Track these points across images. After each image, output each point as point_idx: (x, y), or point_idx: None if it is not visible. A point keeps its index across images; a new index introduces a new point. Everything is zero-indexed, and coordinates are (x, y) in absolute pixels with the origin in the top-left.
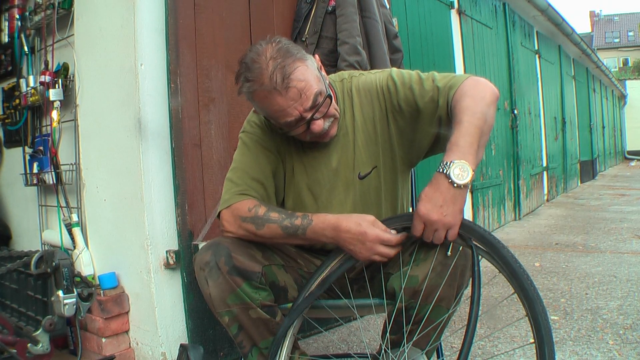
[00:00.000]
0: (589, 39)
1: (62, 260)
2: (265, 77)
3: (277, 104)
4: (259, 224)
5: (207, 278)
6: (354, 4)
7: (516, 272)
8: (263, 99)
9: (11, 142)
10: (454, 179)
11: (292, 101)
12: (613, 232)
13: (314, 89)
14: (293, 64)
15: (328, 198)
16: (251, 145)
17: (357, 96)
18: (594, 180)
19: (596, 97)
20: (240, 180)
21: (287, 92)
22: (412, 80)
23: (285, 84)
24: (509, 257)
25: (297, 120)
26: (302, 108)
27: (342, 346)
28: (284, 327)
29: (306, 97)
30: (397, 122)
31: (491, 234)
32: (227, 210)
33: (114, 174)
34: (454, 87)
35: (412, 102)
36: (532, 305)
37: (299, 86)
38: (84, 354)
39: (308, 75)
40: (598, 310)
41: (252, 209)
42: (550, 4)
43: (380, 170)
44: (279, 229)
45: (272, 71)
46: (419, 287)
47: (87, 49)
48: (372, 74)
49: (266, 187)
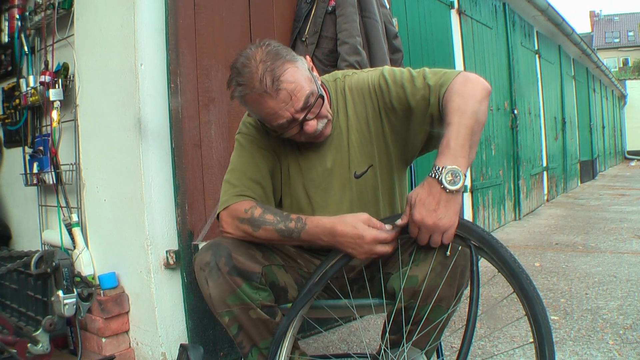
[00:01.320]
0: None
1: (62, 260)
2: (256, 80)
3: (268, 107)
4: (256, 225)
5: (207, 278)
6: (354, 4)
7: (515, 271)
8: (254, 102)
9: (11, 142)
10: (445, 185)
11: (283, 103)
12: (613, 232)
13: (305, 90)
14: (282, 66)
15: (324, 198)
16: (247, 146)
17: (351, 95)
18: (594, 180)
19: (596, 97)
20: (237, 182)
21: (278, 95)
22: (404, 79)
23: (275, 87)
24: (507, 257)
25: (290, 122)
26: (293, 109)
27: (342, 346)
28: (283, 326)
29: (297, 99)
30: (390, 120)
31: (490, 234)
32: (225, 211)
33: (114, 174)
34: (445, 85)
35: (404, 101)
36: (531, 304)
37: (289, 88)
38: (84, 354)
39: (298, 77)
40: (598, 310)
41: (249, 210)
42: (550, 4)
43: (376, 169)
44: (275, 231)
45: (262, 74)
46: (419, 287)
47: (87, 49)
48: (364, 73)
49: (264, 187)
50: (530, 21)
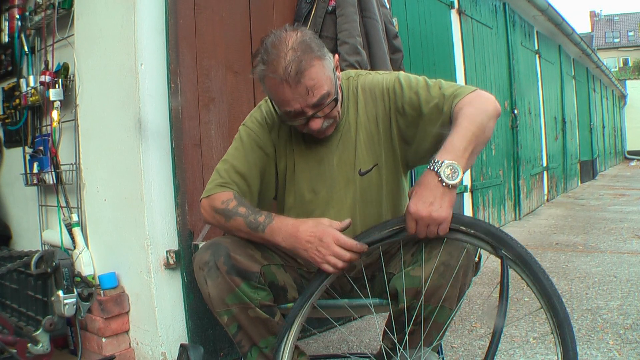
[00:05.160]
0: (589, 39)
1: (62, 260)
2: (281, 66)
3: (283, 94)
4: (228, 216)
5: (206, 278)
6: (354, 4)
7: (548, 291)
8: (272, 85)
9: (11, 142)
10: (443, 178)
11: (299, 95)
12: (613, 232)
13: (324, 89)
14: (311, 61)
15: (329, 193)
16: (246, 140)
17: (363, 95)
18: (594, 180)
19: (596, 97)
20: (225, 173)
21: (297, 87)
22: (419, 85)
23: (297, 79)
24: (541, 275)
25: (298, 114)
26: (305, 104)
27: (342, 346)
28: (279, 338)
29: (313, 95)
30: (398, 124)
31: (524, 248)
32: (206, 199)
33: (114, 174)
34: (459, 97)
35: (417, 106)
36: (561, 327)
37: (309, 84)
38: (84, 354)
39: (321, 75)
40: (598, 310)
41: (225, 201)
42: (550, 4)
43: (381, 169)
44: (244, 223)
45: (289, 63)
46: (421, 288)
47: (87, 49)
48: (379, 75)
49: (249, 183)
50: (530, 21)
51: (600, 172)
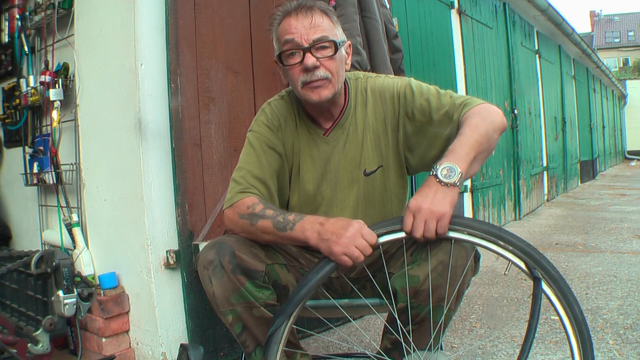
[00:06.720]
0: (589, 39)
1: (62, 260)
2: (294, 5)
3: (289, 23)
4: (253, 220)
5: (211, 277)
6: (354, 4)
7: (578, 319)
8: (282, 24)
9: (11, 142)
10: (441, 178)
11: (302, 26)
12: (613, 232)
13: (326, 32)
14: (324, 12)
15: (333, 191)
16: (256, 144)
17: (372, 96)
18: (594, 180)
19: (596, 97)
20: (242, 180)
21: (304, 18)
22: (430, 93)
23: (304, 12)
24: (573, 300)
25: (295, 45)
26: (306, 36)
27: (342, 346)
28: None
29: (314, 31)
30: (405, 129)
31: (558, 272)
32: (229, 208)
33: (114, 173)
34: (469, 106)
35: (427, 113)
36: (585, 354)
37: (315, 21)
38: (84, 354)
39: (328, 25)
40: (598, 310)
41: (251, 206)
42: (550, 4)
43: (387, 171)
44: (271, 224)
45: (303, 3)
46: (420, 287)
47: (87, 49)
48: (389, 78)
49: (268, 186)
50: (530, 21)
51: (600, 172)
